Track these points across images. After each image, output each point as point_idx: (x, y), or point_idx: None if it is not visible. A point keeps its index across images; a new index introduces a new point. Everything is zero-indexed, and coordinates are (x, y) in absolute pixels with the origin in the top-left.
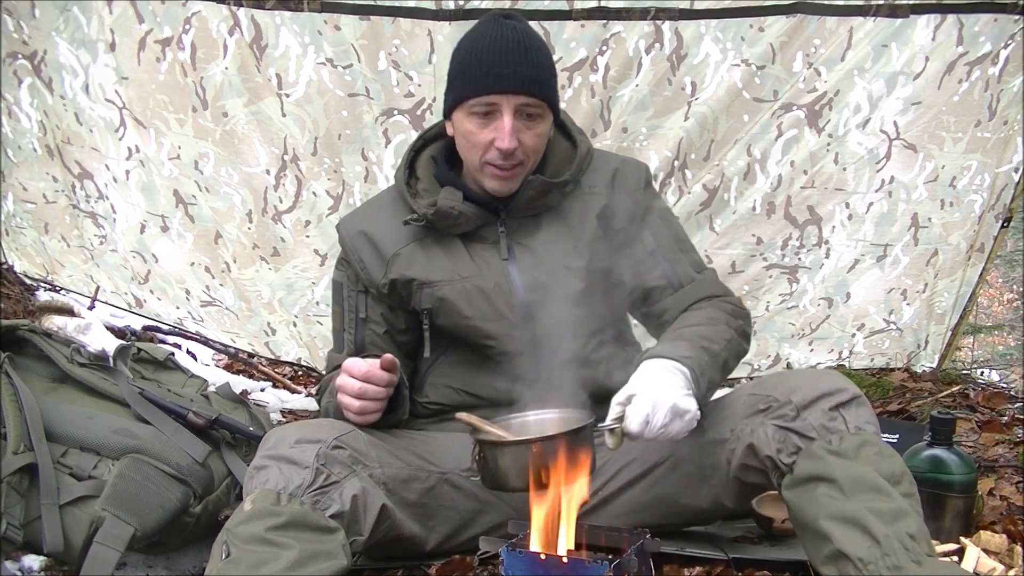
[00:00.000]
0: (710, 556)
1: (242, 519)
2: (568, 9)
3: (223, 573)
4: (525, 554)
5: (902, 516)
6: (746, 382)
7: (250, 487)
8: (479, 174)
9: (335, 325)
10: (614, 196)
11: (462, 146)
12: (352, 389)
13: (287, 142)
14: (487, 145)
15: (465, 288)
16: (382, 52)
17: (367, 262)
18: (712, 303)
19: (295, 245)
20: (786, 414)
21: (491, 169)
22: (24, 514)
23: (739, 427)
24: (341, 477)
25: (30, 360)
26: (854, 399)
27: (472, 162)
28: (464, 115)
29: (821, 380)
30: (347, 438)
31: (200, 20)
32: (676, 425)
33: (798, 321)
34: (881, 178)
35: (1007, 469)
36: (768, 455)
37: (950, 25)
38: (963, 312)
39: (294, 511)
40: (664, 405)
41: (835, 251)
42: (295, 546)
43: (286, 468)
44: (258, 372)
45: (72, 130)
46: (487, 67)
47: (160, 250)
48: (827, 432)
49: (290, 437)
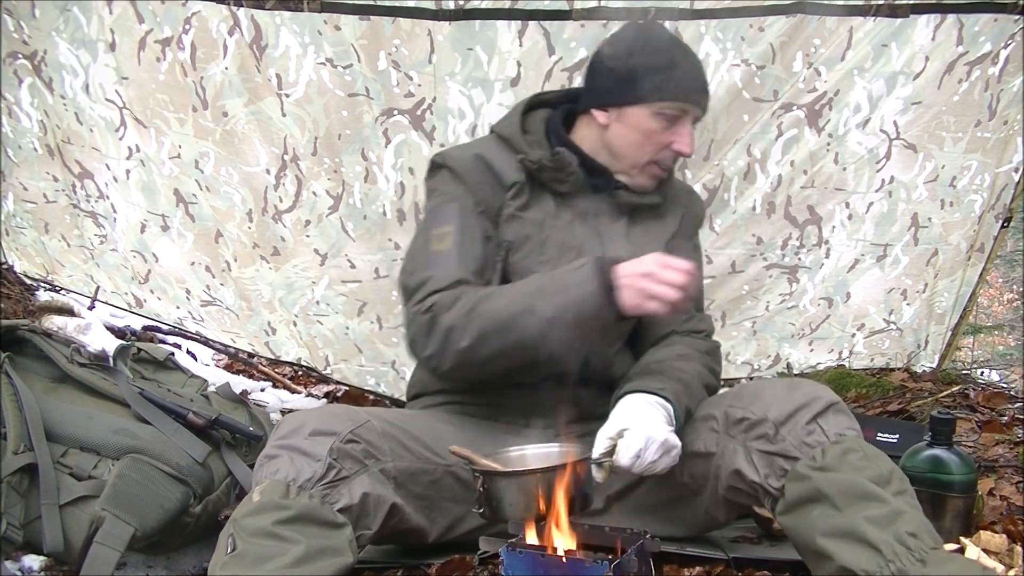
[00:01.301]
0: (710, 556)
1: (250, 510)
2: (568, 9)
3: (227, 568)
4: (525, 554)
5: (898, 516)
6: (724, 391)
7: (260, 476)
8: (636, 169)
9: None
10: (686, 214)
11: (630, 141)
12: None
13: (287, 142)
14: (663, 146)
15: (552, 237)
16: (382, 52)
17: (486, 185)
18: (686, 339)
19: (295, 245)
20: (766, 434)
21: (654, 168)
22: (24, 514)
23: (722, 443)
24: (352, 473)
25: (30, 360)
26: (830, 407)
27: (637, 157)
28: (649, 114)
29: (794, 392)
30: (361, 431)
31: (200, 20)
32: (664, 461)
33: (798, 321)
34: (881, 178)
35: (1007, 469)
36: (756, 481)
37: (950, 25)
38: (963, 312)
39: (302, 505)
40: (656, 440)
41: (835, 251)
42: (302, 541)
43: (298, 459)
44: (258, 372)
45: (72, 130)
46: (688, 77)
47: (160, 249)
48: (808, 448)
49: (305, 427)
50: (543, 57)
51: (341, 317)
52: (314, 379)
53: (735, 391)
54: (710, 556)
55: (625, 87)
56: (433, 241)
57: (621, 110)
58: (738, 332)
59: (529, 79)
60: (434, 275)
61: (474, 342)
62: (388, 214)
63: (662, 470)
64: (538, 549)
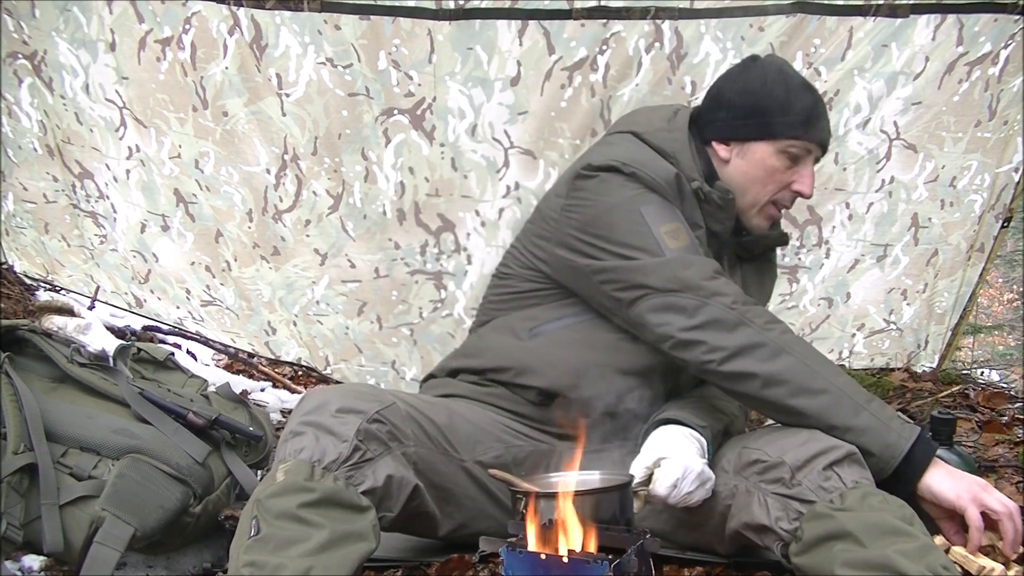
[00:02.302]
0: (709, 560)
1: (274, 491)
2: (568, 9)
3: (251, 551)
4: (525, 554)
5: (929, 551)
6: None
7: (283, 453)
8: (754, 208)
9: (678, 241)
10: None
11: (753, 178)
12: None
13: (287, 142)
14: (784, 185)
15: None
16: (382, 52)
17: (680, 206)
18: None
19: (295, 244)
20: (782, 478)
21: (772, 209)
22: (24, 514)
23: (732, 483)
24: (377, 455)
25: (30, 360)
26: (847, 456)
27: (757, 196)
28: (773, 151)
29: (813, 439)
30: (387, 412)
31: (200, 20)
32: (699, 493)
33: (798, 321)
34: (881, 178)
35: (1007, 469)
36: (766, 524)
37: (950, 25)
38: (963, 312)
39: (327, 487)
40: (693, 471)
41: (835, 251)
42: (326, 526)
43: (324, 438)
44: (258, 372)
45: (72, 130)
46: (816, 117)
47: (160, 249)
48: (825, 492)
49: (332, 404)
50: (543, 57)
51: (341, 317)
52: (314, 379)
53: (749, 434)
54: (709, 560)
55: (753, 121)
56: (667, 237)
57: (745, 145)
58: None
59: (529, 79)
60: (694, 264)
61: (772, 376)
62: (388, 214)
63: (696, 502)
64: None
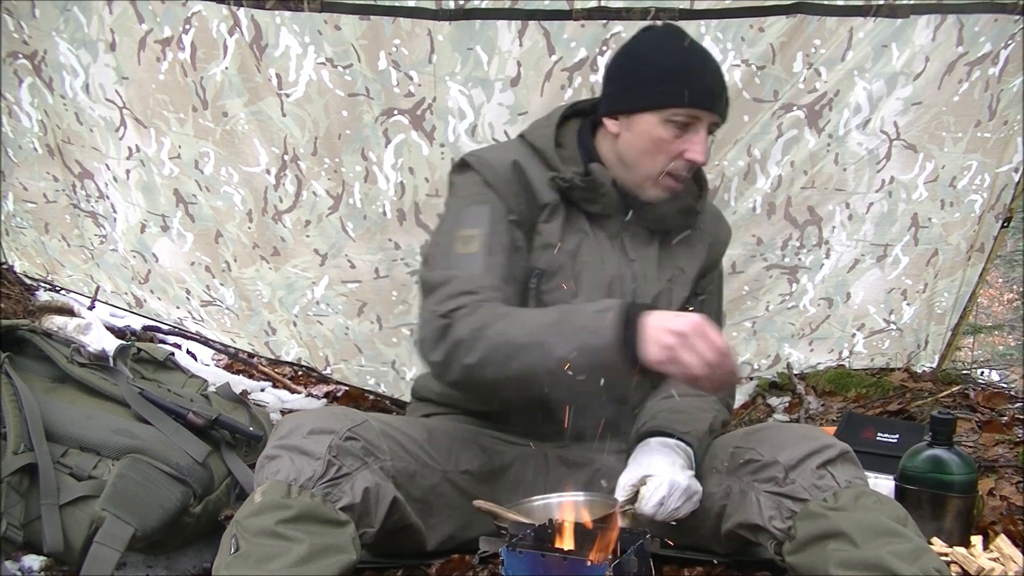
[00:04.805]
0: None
1: (252, 511)
2: (568, 9)
3: (231, 568)
4: (525, 554)
5: (924, 552)
6: (731, 433)
7: (261, 477)
8: (648, 181)
9: (466, 248)
10: (714, 243)
11: (641, 149)
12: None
13: (287, 142)
14: (676, 155)
15: (584, 269)
16: (382, 52)
17: (520, 195)
18: None
19: (295, 245)
20: (775, 477)
21: (668, 180)
22: (24, 514)
23: (725, 483)
24: (352, 469)
25: (30, 360)
26: (841, 455)
27: (649, 168)
28: (659, 121)
29: (807, 438)
30: (360, 429)
31: (200, 20)
32: (686, 507)
33: (798, 321)
34: (881, 178)
35: (1007, 469)
36: (759, 524)
37: (950, 25)
38: (963, 312)
39: (304, 504)
40: (680, 487)
41: (835, 251)
42: (305, 540)
43: (298, 459)
44: (258, 372)
45: (72, 130)
46: (699, 82)
47: (160, 250)
48: (819, 491)
49: (303, 427)
50: (543, 57)
51: (341, 317)
52: (314, 379)
53: (741, 433)
54: (709, 560)
55: (633, 92)
56: (458, 242)
57: (631, 118)
58: (738, 332)
59: (529, 79)
60: (457, 276)
61: (479, 361)
62: (388, 214)
63: (683, 515)
64: (538, 549)
